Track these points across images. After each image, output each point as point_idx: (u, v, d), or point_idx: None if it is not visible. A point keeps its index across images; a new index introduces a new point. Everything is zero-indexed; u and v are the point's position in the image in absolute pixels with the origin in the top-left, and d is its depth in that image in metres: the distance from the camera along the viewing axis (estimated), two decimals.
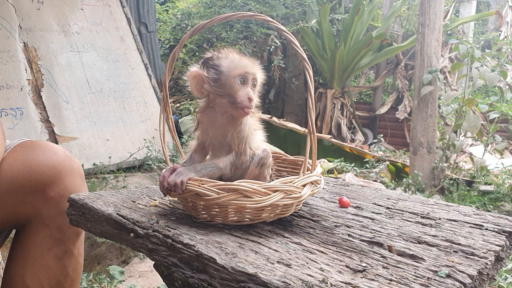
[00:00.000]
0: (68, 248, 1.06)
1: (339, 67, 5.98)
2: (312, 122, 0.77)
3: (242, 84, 0.81)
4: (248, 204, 0.73)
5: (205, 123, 0.86)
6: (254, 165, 0.86)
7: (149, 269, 2.16)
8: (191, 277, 0.65)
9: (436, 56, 3.69)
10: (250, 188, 0.73)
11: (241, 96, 0.80)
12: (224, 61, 0.82)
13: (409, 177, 3.55)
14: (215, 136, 0.85)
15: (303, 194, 0.77)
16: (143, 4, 4.93)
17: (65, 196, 0.95)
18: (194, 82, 0.84)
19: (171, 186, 0.77)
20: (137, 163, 3.64)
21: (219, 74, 0.81)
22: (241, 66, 0.82)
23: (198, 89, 0.84)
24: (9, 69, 3.13)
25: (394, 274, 0.60)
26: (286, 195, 0.75)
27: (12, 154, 1.02)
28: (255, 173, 0.86)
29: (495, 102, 4.09)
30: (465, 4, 6.47)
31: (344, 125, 6.00)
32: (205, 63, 0.84)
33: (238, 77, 0.81)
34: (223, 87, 0.81)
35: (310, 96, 0.77)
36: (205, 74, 0.83)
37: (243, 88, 0.81)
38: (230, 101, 0.81)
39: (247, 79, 0.82)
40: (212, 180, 0.77)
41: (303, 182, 0.78)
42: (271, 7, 6.07)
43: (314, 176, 0.80)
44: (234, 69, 0.81)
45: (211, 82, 0.82)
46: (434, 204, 0.95)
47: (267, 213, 0.77)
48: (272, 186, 0.75)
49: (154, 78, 4.14)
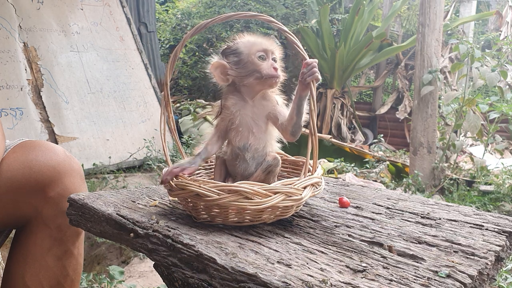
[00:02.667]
0: (68, 248, 1.06)
1: (339, 67, 5.97)
2: (314, 124, 0.77)
3: (263, 60, 0.84)
4: (249, 206, 0.72)
5: (232, 108, 0.86)
6: (262, 170, 0.86)
7: (149, 269, 2.16)
8: (191, 277, 0.65)
9: (436, 56, 3.69)
10: (250, 189, 0.73)
11: (265, 68, 0.84)
12: (241, 43, 0.86)
13: (409, 177, 3.54)
14: (244, 120, 0.85)
15: (303, 196, 0.77)
16: (143, 4, 4.92)
17: (65, 196, 0.94)
18: (217, 72, 0.86)
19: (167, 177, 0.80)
20: (137, 163, 3.64)
21: (239, 55, 0.85)
22: (258, 43, 0.85)
23: (222, 78, 0.87)
24: (9, 69, 3.13)
25: (394, 274, 0.60)
26: (286, 197, 0.75)
27: (12, 154, 1.02)
28: (260, 178, 0.86)
29: (495, 102, 4.09)
30: (465, 4, 6.47)
31: (344, 125, 5.99)
32: (224, 53, 0.87)
33: (258, 53, 0.84)
34: (246, 67, 0.84)
35: (312, 98, 0.77)
36: (226, 61, 0.86)
37: (265, 62, 0.84)
38: (257, 77, 0.84)
39: (267, 54, 0.85)
40: (212, 181, 0.77)
41: (304, 184, 0.77)
42: (271, 7, 6.07)
43: (315, 178, 0.80)
44: (252, 47, 0.85)
45: (233, 66, 0.85)
46: (434, 204, 0.95)
47: (267, 214, 0.77)
48: (273, 188, 0.74)
49: (154, 78, 4.14)
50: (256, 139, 0.86)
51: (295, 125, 0.83)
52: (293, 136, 0.85)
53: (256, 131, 0.85)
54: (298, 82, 0.80)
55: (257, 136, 0.86)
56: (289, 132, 0.84)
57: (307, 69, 0.78)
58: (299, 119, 0.82)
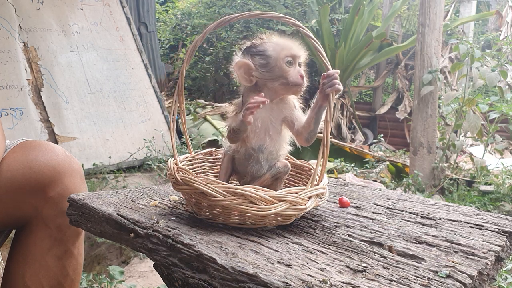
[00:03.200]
0: (68, 248, 1.06)
1: (339, 67, 5.97)
2: (327, 135, 0.74)
3: (290, 65, 0.83)
4: (252, 211, 0.72)
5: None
6: (271, 175, 0.86)
7: (149, 269, 2.16)
8: (191, 277, 0.65)
9: (436, 56, 3.69)
10: (256, 195, 0.72)
11: (293, 75, 0.83)
12: (269, 45, 0.84)
13: (409, 177, 3.54)
14: (263, 122, 0.85)
15: (307, 206, 0.76)
16: (143, 4, 4.93)
17: (65, 196, 0.94)
18: (241, 72, 0.85)
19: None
20: (137, 163, 3.64)
21: (267, 58, 0.83)
22: (287, 48, 0.83)
23: (246, 78, 0.85)
24: (9, 69, 3.13)
25: (394, 274, 0.60)
26: (291, 205, 0.74)
27: (12, 154, 1.02)
28: (267, 183, 0.86)
29: (495, 102, 4.09)
30: (465, 4, 6.47)
31: (344, 125, 5.99)
32: (249, 51, 0.85)
33: (286, 58, 0.83)
34: (273, 71, 0.83)
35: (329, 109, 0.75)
36: (251, 61, 0.84)
37: (292, 68, 0.83)
38: (283, 83, 0.83)
39: (294, 60, 0.84)
40: (219, 181, 0.77)
41: (309, 194, 0.76)
42: (271, 7, 6.07)
43: (321, 189, 0.79)
44: (281, 51, 0.83)
45: (259, 68, 0.83)
46: (434, 204, 0.95)
47: (269, 220, 0.77)
48: (278, 195, 0.73)
49: (154, 78, 4.14)
50: (272, 141, 0.86)
51: (311, 132, 0.83)
52: (307, 142, 0.85)
53: (272, 134, 0.85)
54: (318, 92, 0.80)
55: (273, 138, 0.86)
56: (304, 138, 0.84)
57: (328, 80, 0.78)
58: (315, 127, 0.83)
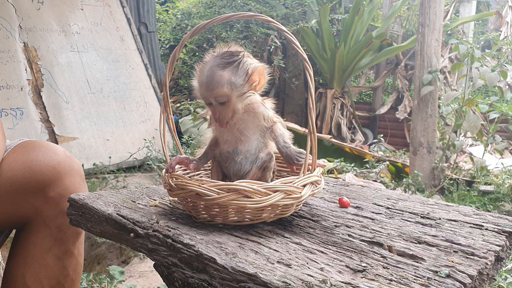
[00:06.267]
0: (68, 248, 1.06)
1: (339, 67, 5.98)
2: (313, 122, 0.77)
3: (209, 104, 0.84)
4: (248, 204, 0.73)
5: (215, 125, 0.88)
6: (257, 168, 0.87)
7: (149, 269, 2.16)
8: (191, 277, 0.65)
9: (436, 56, 3.69)
10: (250, 188, 0.73)
11: (211, 114, 0.84)
12: (194, 81, 0.85)
13: (409, 177, 3.55)
14: (230, 134, 0.86)
15: (303, 195, 0.77)
16: (143, 4, 4.92)
17: (65, 196, 0.95)
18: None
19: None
20: (137, 163, 3.64)
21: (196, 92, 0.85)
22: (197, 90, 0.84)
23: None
24: (9, 69, 3.13)
25: (394, 274, 0.60)
26: (286, 195, 0.75)
27: (12, 154, 1.02)
28: (257, 176, 0.87)
29: (495, 102, 4.09)
30: (465, 4, 6.47)
31: (344, 125, 6.00)
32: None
33: (202, 99, 0.84)
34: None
35: (310, 96, 0.77)
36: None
37: (211, 106, 0.83)
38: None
39: (207, 101, 0.83)
40: (212, 180, 0.77)
41: (303, 183, 0.78)
42: (271, 7, 6.07)
43: (314, 177, 0.80)
44: (197, 92, 0.84)
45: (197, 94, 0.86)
46: (434, 204, 0.95)
47: (267, 213, 0.77)
48: (272, 186, 0.74)
49: (154, 78, 4.14)
50: (244, 144, 0.86)
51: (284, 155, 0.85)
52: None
53: (244, 139, 0.86)
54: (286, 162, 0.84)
55: (245, 141, 0.86)
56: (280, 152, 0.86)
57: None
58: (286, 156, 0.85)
